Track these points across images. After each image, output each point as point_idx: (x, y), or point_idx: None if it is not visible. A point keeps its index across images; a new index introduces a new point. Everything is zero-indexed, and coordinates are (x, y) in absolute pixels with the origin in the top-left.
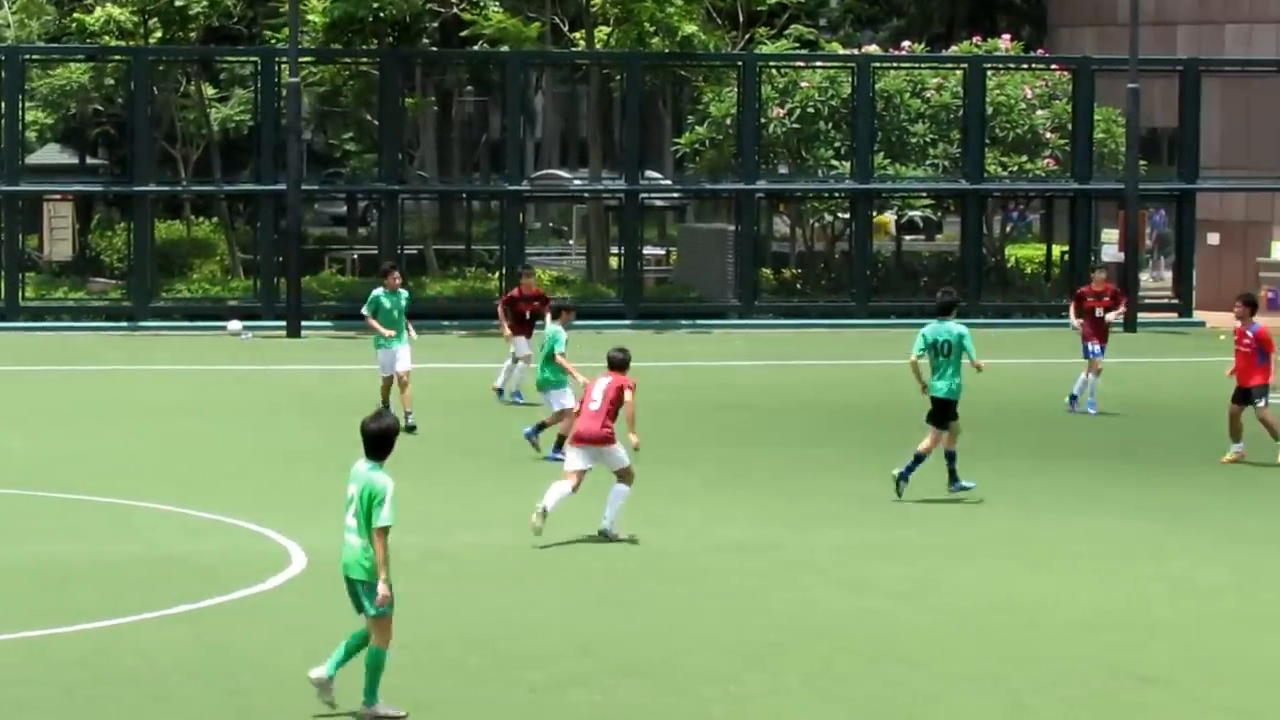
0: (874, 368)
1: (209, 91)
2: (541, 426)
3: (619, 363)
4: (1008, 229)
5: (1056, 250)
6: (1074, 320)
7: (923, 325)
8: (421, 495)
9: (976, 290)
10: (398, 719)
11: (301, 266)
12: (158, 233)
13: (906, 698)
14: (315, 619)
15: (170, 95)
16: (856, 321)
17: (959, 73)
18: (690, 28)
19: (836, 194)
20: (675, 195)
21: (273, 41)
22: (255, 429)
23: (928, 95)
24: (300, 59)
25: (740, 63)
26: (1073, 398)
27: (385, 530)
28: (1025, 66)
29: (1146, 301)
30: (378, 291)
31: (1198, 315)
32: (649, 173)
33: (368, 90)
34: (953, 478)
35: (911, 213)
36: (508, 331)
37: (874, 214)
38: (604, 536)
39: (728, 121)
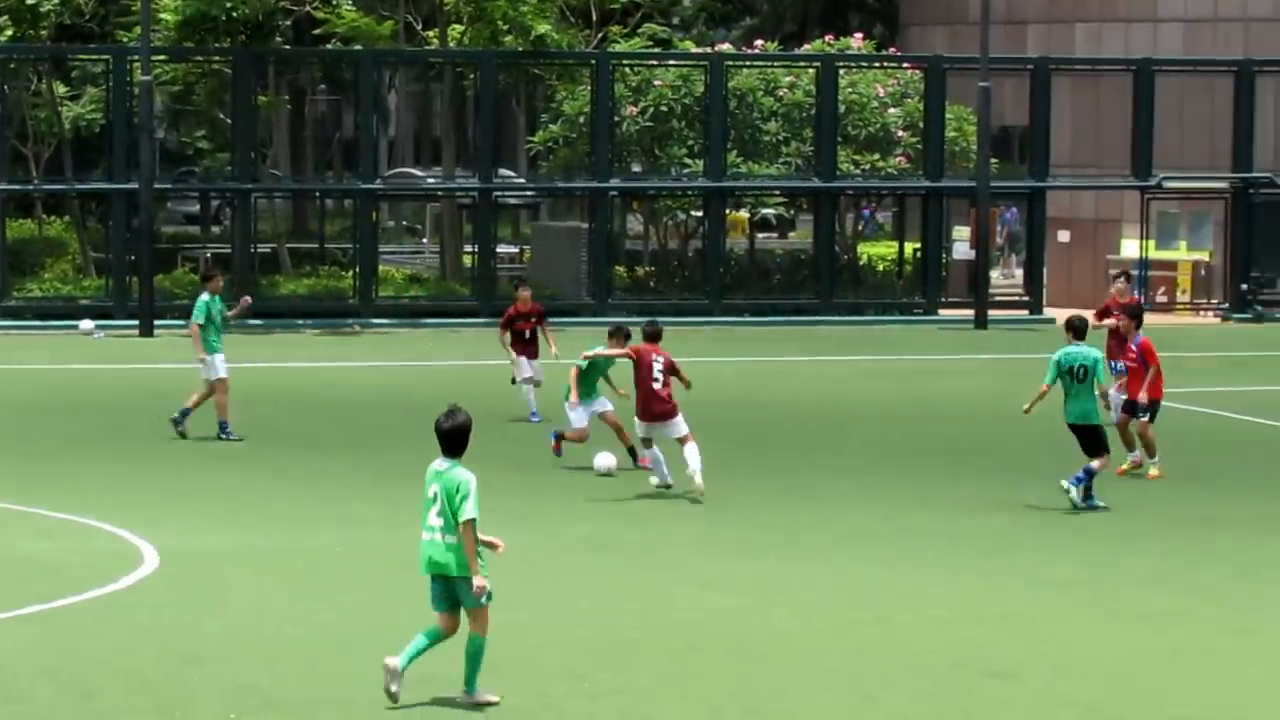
0: (726, 365)
1: (60, 90)
2: (562, 436)
3: (655, 334)
4: (860, 227)
5: (909, 248)
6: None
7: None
8: (278, 494)
9: (829, 288)
10: (494, 704)
11: (154, 265)
12: (9, 231)
13: (757, 695)
14: (168, 619)
15: (21, 93)
16: (710, 319)
17: (811, 71)
18: (543, 26)
19: (690, 192)
20: (529, 193)
21: (125, 40)
22: (107, 428)
23: (780, 94)
24: (152, 57)
25: (593, 61)
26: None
27: (471, 523)
28: (877, 65)
29: (997, 299)
30: (206, 298)
31: (1049, 312)
32: (502, 171)
33: (220, 89)
34: (1081, 485)
35: (764, 211)
36: (512, 354)
37: (727, 212)
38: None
39: (581, 120)
